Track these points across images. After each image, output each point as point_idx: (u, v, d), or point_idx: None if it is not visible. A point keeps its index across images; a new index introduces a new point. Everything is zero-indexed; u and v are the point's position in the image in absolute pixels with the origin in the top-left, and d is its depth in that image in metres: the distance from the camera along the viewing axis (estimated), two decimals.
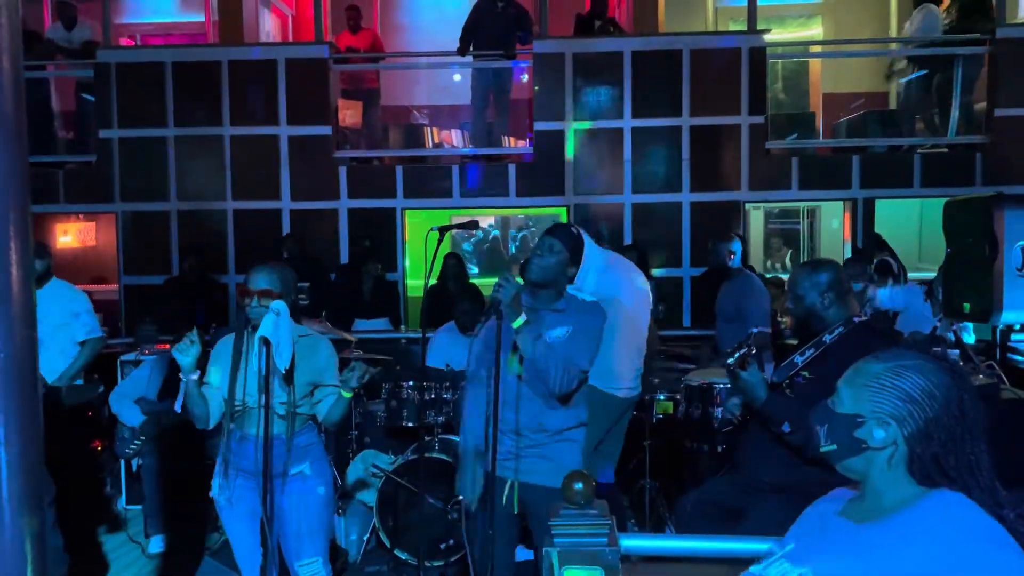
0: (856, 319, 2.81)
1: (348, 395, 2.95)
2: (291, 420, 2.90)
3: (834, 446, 1.42)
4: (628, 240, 7.17)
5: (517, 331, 2.74)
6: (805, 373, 2.78)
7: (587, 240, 3.25)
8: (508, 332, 2.75)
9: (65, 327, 4.56)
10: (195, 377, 2.87)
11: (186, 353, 2.79)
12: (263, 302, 2.83)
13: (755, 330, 3.07)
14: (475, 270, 9.92)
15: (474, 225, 3.41)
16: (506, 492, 2.90)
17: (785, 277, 5.22)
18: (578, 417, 2.91)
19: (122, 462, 5.02)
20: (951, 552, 1.24)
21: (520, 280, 2.85)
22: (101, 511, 4.96)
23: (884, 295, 5.16)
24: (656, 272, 7.04)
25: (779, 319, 5.49)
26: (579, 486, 1.70)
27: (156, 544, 4.52)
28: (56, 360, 4.53)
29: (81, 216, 9.50)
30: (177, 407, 2.93)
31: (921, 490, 1.36)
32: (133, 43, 10.01)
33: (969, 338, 4.60)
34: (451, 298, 5.94)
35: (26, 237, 1.22)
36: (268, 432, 2.76)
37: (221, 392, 2.95)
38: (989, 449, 1.35)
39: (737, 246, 5.03)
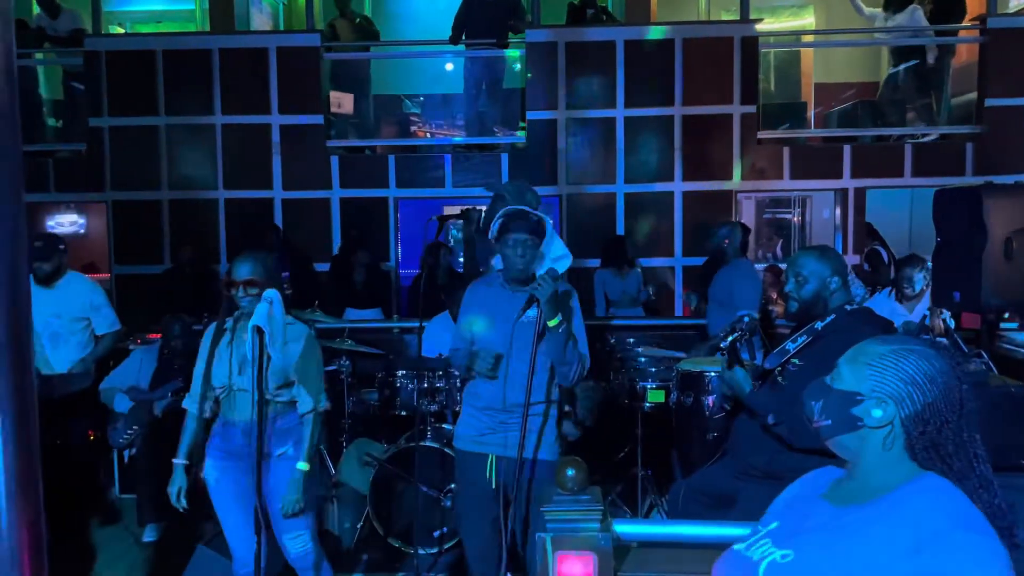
0: (848, 307, 2.82)
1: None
2: (270, 405, 2.96)
3: (828, 421, 1.43)
4: (620, 230, 7.17)
5: (552, 329, 2.86)
6: (796, 360, 2.79)
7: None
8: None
9: (83, 320, 4.59)
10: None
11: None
12: (248, 291, 2.90)
13: (744, 314, 3.08)
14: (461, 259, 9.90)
15: (470, 214, 3.44)
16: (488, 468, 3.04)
17: (782, 267, 5.23)
18: (550, 395, 3.05)
19: (115, 451, 5.02)
20: (929, 537, 1.25)
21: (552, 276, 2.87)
22: (95, 500, 4.96)
23: None
24: (649, 262, 7.06)
25: (770, 307, 5.51)
26: (571, 472, 1.71)
27: (150, 533, 4.53)
28: (75, 353, 4.57)
29: (72, 204, 9.44)
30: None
31: (907, 474, 1.37)
32: (123, 31, 9.93)
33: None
34: (436, 287, 5.92)
35: (20, 223, 1.21)
36: (262, 419, 2.79)
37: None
38: (983, 439, 1.37)
39: (734, 232, 5.05)
